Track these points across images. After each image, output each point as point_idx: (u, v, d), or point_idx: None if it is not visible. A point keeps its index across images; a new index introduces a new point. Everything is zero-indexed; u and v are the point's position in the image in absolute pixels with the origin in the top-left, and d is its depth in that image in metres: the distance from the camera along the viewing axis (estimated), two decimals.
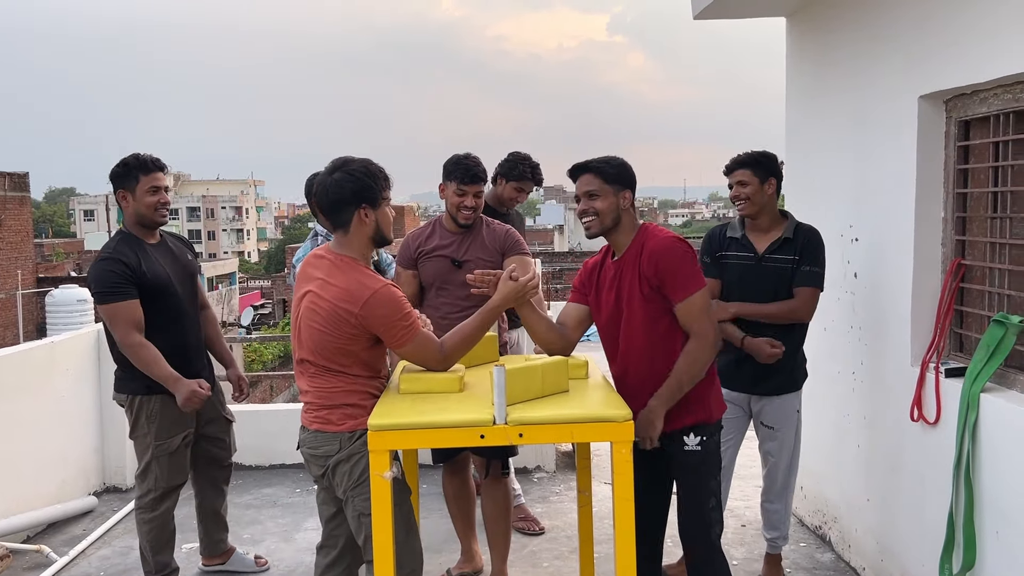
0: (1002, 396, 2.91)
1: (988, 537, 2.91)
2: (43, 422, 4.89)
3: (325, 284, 2.76)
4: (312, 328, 2.77)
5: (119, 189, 3.63)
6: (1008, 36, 2.79)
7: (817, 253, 3.55)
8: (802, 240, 3.55)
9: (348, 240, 2.83)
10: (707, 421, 2.93)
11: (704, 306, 2.84)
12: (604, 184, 2.91)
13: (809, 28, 4.45)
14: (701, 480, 2.95)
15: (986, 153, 3.16)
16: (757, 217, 3.61)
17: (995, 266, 3.12)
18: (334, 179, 2.80)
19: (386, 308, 2.71)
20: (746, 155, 3.62)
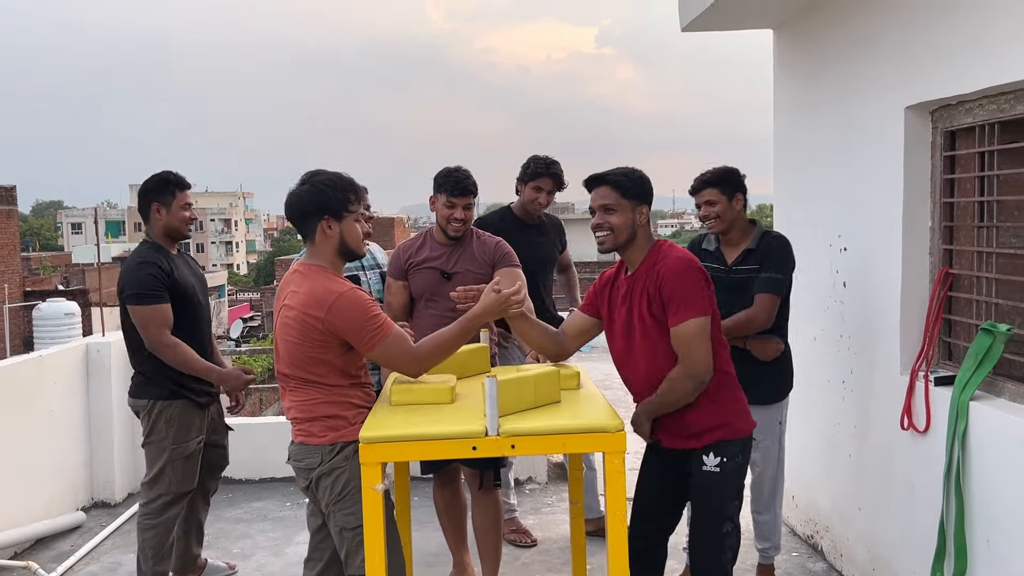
0: (991, 404, 2.93)
1: (979, 545, 2.92)
2: (31, 437, 4.85)
3: (294, 294, 2.77)
4: (286, 340, 2.78)
5: (155, 202, 3.80)
6: (992, 47, 2.83)
7: (778, 259, 3.51)
8: (764, 248, 3.54)
9: (316, 251, 2.84)
10: (729, 438, 2.83)
11: (695, 334, 2.72)
12: (621, 198, 2.83)
13: (796, 40, 4.49)
14: (717, 502, 2.84)
15: (972, 163, 3.19)
16: (728, 232, 3.60)
17: (982, 275, 3.14)
18: (299, 190, 2.81)
19: (351, 311, 2.69)
20: (711, 173, 3.58)
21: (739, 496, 2.89)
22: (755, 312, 3.47)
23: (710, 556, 2.86)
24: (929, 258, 3.42)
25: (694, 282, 2.75)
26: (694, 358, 2.73)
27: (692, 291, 2.73)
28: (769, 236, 3.59)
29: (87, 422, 5.37)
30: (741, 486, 2.90)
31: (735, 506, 2.88)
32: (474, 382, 3.01)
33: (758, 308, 3.48)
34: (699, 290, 2.75)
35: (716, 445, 2.82)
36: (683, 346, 2.74)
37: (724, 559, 2.87)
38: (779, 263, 3.51)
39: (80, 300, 22.60)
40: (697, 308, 2.73)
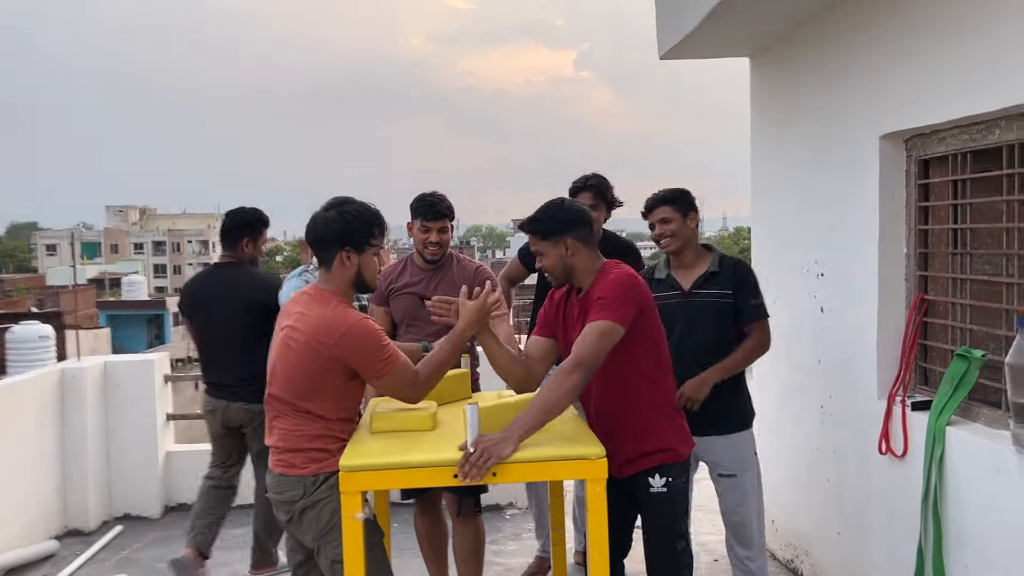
0: (966, 429, 2.96)
1: (957, 569, 2.94)
2: (3, 464, 4.77)
3: (302, 316, 2.74)
4: (286, 362, 2.74)
5: (251, 236, 4.29)
6: (963, 79, 2.89)
7: (753, 284, 3.51)
8: (732, 273, 3.48)
9: (330, 277, 2.82)
10: (672, 461, 2.87)
11: (597, 335, 2.68)
12: (542, 241, 2.89)
13: (772, 69, 4.56)
14: (669, 522, 2.89)
15: (946, 191, 3.25)
16: (681, 253, 3.52)
17: (957, 301, 3.19)
18: (325, 216, 2.80)
19: (362, 341, 2.68)
20: (665, 191, 3.56)
21: (687, 513, 2.96)
22: (759, 341, 3.48)
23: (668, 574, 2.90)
24: (905, 284, 3.47)
25: (623, 292, 2.75)
26: (585, 350, 2.67)
27: (616, 298, 2.73)
28: (730, 261, 3.54)
29: (61, 448, 5.29)
30: (688, 504, 2.96)
31: (685, 524, 2.95)
32: (455, 408, 3.00)
33: (761, 335, 3.48)
34: (623, 300, 2.74)
35: (660, 467, 2.85)
36: (579, 342, 2.70)
37: (681, 574, 2.91)
38: (755, 288, 3.50)
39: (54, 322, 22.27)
40: (612, 312, 2.71)
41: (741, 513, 3.53)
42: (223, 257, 4.36)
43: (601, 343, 2.68)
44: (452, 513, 3.68)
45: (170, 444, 5.78)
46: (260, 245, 4.34)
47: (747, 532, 3.54)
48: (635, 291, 2.79)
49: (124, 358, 5.85)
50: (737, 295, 3.46)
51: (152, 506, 5.55)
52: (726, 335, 3.48)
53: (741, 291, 3.47)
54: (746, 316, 3.47)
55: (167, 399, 5.79)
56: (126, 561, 4.83)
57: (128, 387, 5.54)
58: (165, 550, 4.97)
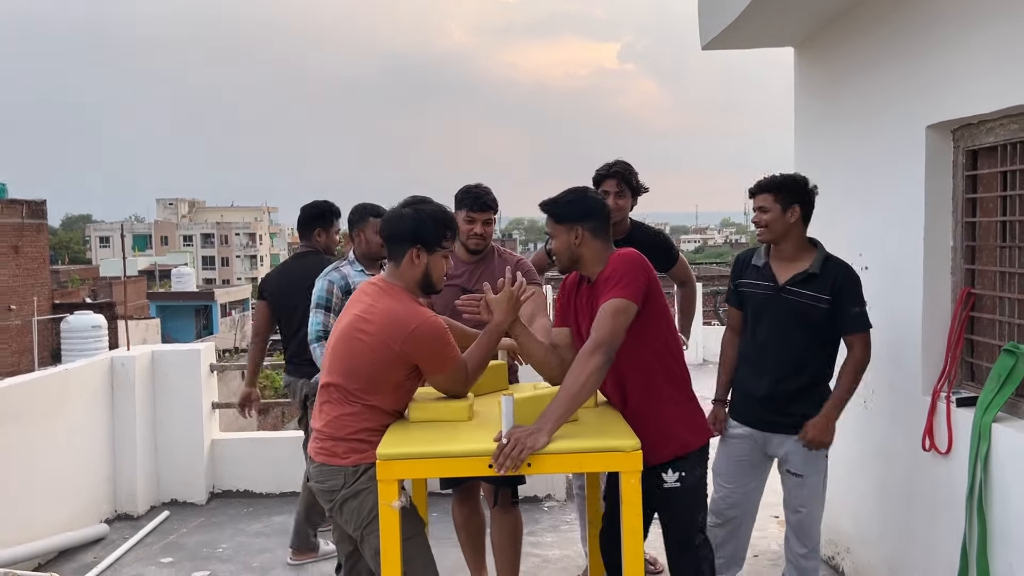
0: (1013, 426, 2.90)
1: (1002, 569, 2.88)
2: (56, 450, 4.91)
3: (371, 308, 2.79)
4: (351, 351, 2.77)
5: (322, 226, 4.58)
6: (1012, 68, 2.81)
7: (856, 291, 3.32)
8: (835, 278, 3.30)
9: (399, 273, 2.87)
10: (685, 452, 2.85)
11: (611, 313, 2.68)
12: (555, 224, 2.92)
13: (817, 58, 4.49)
14: (685, 517, 2.88)
15: (994, 182, 3.17)
16: (780, 245, 3.39)
17: (1005, 295, 3.11)
18: (401, 213, 2.85)
19: (430, 338, 2.74)
20: (770, 178, 3.39)
21: (704, 507, 2.94)
22: (861, 356, 3.33)
23: (688, 568, 2.91)
24: (951, 278, 3.39)
25: (630, 269, 2.77)
26: (600, 334, 2.66)
27: (623, 276, 2.75)
28: (834, 263, 3.36)
29: (111, 435, 5.43)
30: (704, 497, 2.94)
31: (702, 518, 2.93)
32: (491, 400, 3.02)
33: (862, 350, 3.33)
34: (631, 277, 2.75)
35: (672, 462, 2.83)
36: (596, 322, 2.70)
37: (702, 570, 2.91)
38: (858, 296, 3.32)
39: (107, 313, 22.89)
40: (623, 290, 2.72)
41: (802, 513, 3.47)
42: (300, 247, 4.73)
43: (617, 320, 2.69)
44: (489, 503, 3.71)
45: (215, 432, 5.90)
46: (332, 235, 4.64)
47: (806, 532, 3.49)
48: (641, 269, 2.80)
49: (172, 347, 5.98)
50: (837, 302, 3.29)
51: (198, 492, 5.67)
52: (812, 343, 3.36)
53: (842, 298, 3.29)
54: (847, 326, 3.31)
55: (213, 388, 5.92)
56: (173, 545, 4.95)
57: (175, 376, 5.66)
58: (209, 535, 5.09)
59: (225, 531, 5.16)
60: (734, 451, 3.57)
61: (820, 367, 3.41)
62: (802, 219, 3.38)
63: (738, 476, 3.55)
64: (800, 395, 3.39)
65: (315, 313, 4.00)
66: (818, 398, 3.40)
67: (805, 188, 3.39)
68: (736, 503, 3.57)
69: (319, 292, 4.02)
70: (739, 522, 3.60)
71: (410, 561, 2.73)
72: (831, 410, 3.34)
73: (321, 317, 3.98)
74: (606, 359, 2.66)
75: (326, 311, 4.00)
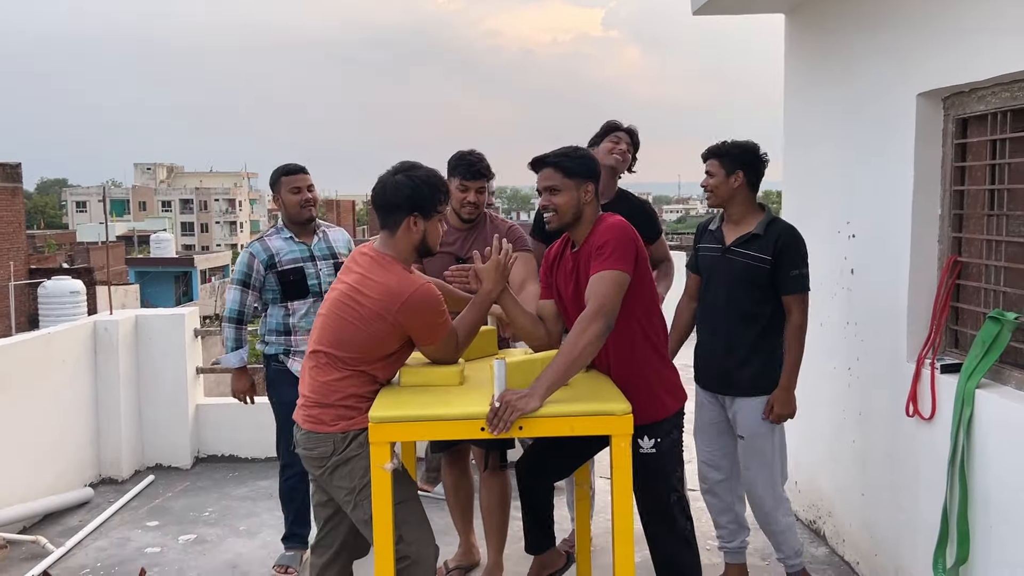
0: (996, 392, 2.94)
1: (982, 532, 2.94)
2: (39, 414, 4.88)
3: (364, 279, 2.76)
4: (343, 320, 2.75)
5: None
6: (1006, 35, 2.81)
7: (796, 254, 3.39)
8: (776, 239, 3.38)
9: (393, 242, 2.83)
10: (662, 417, 2.89)
11: (610, 281, 2.69)
12: (565, 178, 2.88)
13: (808, 25, 4.47)
14: (660, 480, 2.92)
15: (983, 151, 3.19)
16: (727, 209, 3.50)
17: (991, 263, 3.14)
18: (394, 180, 2.80)
19: (424, 307, 2.72)
20: (717, 145, 3.52)
21: (680, 467, 2.99)
22: (799, 320, 3.39)
23: (665, 527, 2.96)
24: (938, 246, 3.42)
25: (621, 239, 2.76)
26: (602, 297, 2.66)
27: (617, 246, 2.74)
28: (778, 226, 3.44)
29: (94, 399, 5.41)
30: (680, 458, 2.99)
31: (677, 478, 2.98)
32: (483, 364, 3.03)
33: (799, 314, 3.39)
34: (624, 247, 2.75)
35: (648, 427, 2.86)
36: (591, 294, 2.70)
37: (679, 526, 2.96)
38: (798, 259, 3.40)
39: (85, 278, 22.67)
40: (618, 261, 2.72)
41: (748, 477, 3.56)
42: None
43: (618, 289, 2.71)
44: (480, 467, 3.73)
45: (200, 397, 5.88)
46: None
47: (751, 494, 3.59)
48: (631, 238, 2.81)
49: (155, 312, 5.93)
50: (778, 263, 3.37)
51: (183, 457, 5.67)
52: (757, 303, 3.42)
53: (783, 260, 3.37)
54: (785, 288, 3.39)
55: (197, 353, 5.89)
56: (158, 509, 4.96)
57: (159, 341, 5.63)
58: (195, 499, 5.09)
59: (211, 495, 5.17)
60: (704, 415, 3.68)
61: (766, 327, 3.45)
62: (747, 184, 3.48)
63: (712, 439, 3.66)
64: (751, 357, 3.45)
65: (232, 290, 3.90)
66: (768, 357, 3.45)
67: (751, 154, 3.47)
68: (717, 465, 3.66)
69: (239, 266, 3.90)
70: (727, 486, 3.66)
71: (404, 523, 2.75)
72: (787, 381, 3.43)
73: (239, 296, 3.88)
74: (605, 327, 2.66)
75: (244, 287, 3.89)
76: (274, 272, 3.88)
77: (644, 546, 3.03)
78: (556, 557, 3.34)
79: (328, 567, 3.03)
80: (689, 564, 3.01)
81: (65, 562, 4.25)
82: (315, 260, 3.94)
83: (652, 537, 3.00)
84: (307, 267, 3.91)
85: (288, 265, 3.88)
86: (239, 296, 3.89)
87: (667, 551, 2.99)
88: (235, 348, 3.98)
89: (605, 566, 3.72)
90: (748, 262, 3.41)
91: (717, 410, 3.61)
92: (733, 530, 3.71)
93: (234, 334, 3.96)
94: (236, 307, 3.91)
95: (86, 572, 4.14)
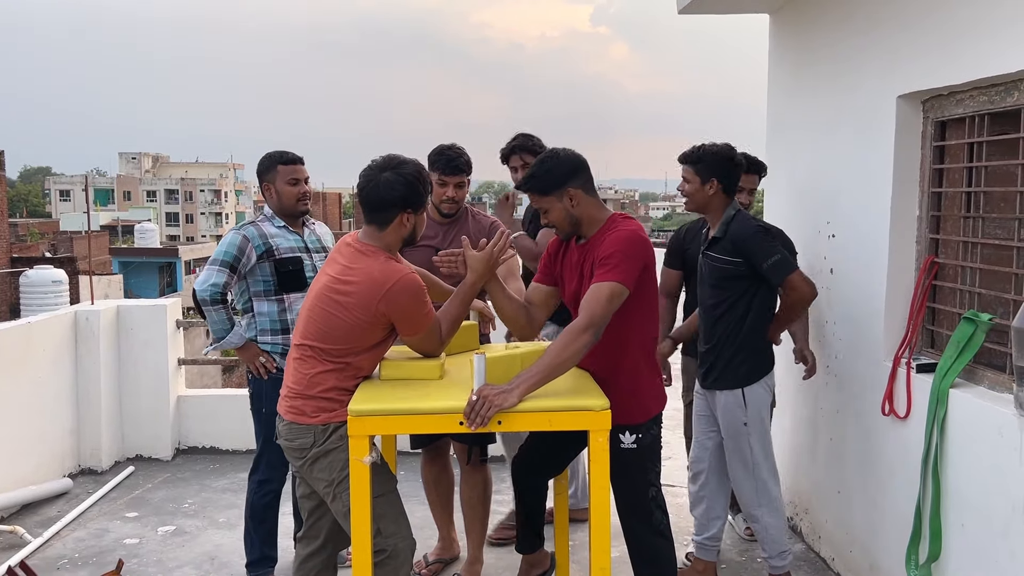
0: (971, 392, 2.98)
1: (954, 529, 2.98)
2: (18, 403, 4.85)
3: (347, 269, 2.76)
4: (327, 312, 2.75)
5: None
6: (984, 38, 2.85)
7: (759, 246, 3.37)
8: (733, 240, 3.41)
9: (381, 236, 2.83)
10: (643, 419, 2.92)
11: (607, 297, 2.69)
12: (543, 197, 2.88)
13: (792, 26, 4.50)
14: (639, 475, 2.96)
15: (961, 154, 3.22)
16: (704, 213, 3.57)
17: (967, 264, 3.18)
18: (385, 178, 2.78)
19: (408, 296, 2.73)
20: (692, 150, 3.52)
21: (658, 463, 3.03)
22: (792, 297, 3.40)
23: (643, 520, 2.99)
24: (916, 247, 3.45)
25: (629, 252, 2.75)
26: (595, 311, 2.67)
27: (622, 259, 2.73)
28: (732, 226, 3.43)
29: (75, 390, 5.38)
30: (659, 454, 3.03)
31: (655, 473, 3.01)
32: (463, 359, 3.04)
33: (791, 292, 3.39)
34: (630, 260, 2.74)
35: (631, 425, 2.89)
36: (586, 303, 2.71)
37: (656, 519, 2.99)
38: (764, 249, 3.37)
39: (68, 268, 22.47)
40: (619, 274, 2.71)
41: (731, 472, 3.65)
42: None
43: (611, 305, 2.72)
44: (460, 462, 3.75)
45: (181, 388, 5.86)
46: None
47: (736, 491, 3.66)
48: (641, 249, 2.80)
49: (137, 302, 5.91)
50: (749, 263, 3.40)
51: (163, 448, 5.65)
52: (727, 301, 3.48)
53: (750, 257, 3.39)
54: (771, 279, 3.39)
55: (179, 344, 5.87)
56: (138, 500, 4.94)
57: (141, 331, 5.61)
58: (175, 491, 5.08)
59: (191, 487, 5.16)
60: (697, 407, 3.80)
61: (739, 323, 3.48)
62: (722, 191, 3.48)
63: (700, 431, 3.77)
64: (724, 351, 3.52)
65: (214, 271, 3.53)
66: (740, 353, 3.50)
67: (725, 160, 3.47)
68: (699, 457, 3.76)
69: (227, 247, 3.56)
70: (706, 477, 3.73)
71: (382, 517, 2.76)
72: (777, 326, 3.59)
73: (224, 278, 3.53)
74: (593, 339, 2.69)
75: (231, 271, 3.55)
76: (270, 261, 3.61)
77: (620, 541, 3.06)
78: (544, 557, 3.37)
79: (312, 557, 3.05)
80: (666, 557, 3.04)
81: (43, 552, 4.23)
82: (310, 252, 3.76)
83: (629, 530, 3.03)
84: (304, 258, 3.71)
85: (286, 254, 3.65)
86: (224, 278, 3.53)
87: (644, 544, 3.02)
88: (228, 328, 3.59)
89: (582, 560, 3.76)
90: (716, 264, 3.50)
91: (705, 403, 3.71)
92: (703, 524, 3.77)
93: (223, 315, 3.57)
94: (220, 289, 3.52)
95: (64, 563, 4.13)
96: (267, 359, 3.64)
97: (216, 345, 3.65)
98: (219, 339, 3.62)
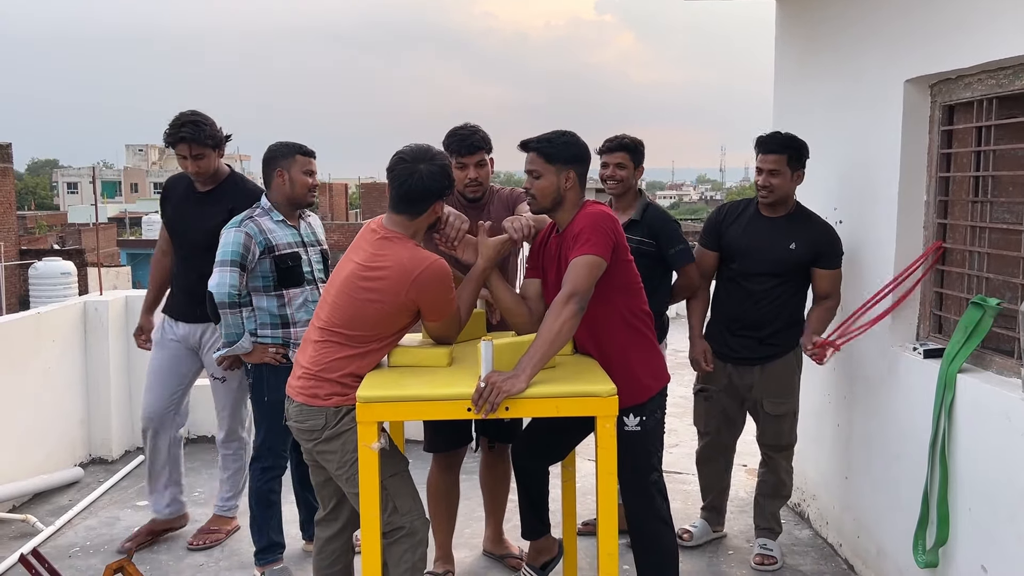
0: (978, 377, 2.98)
1: (961, 514, 2.98)
2: (29, 393, 4.88)
3: (376, 256, 2.78)
4: (355, 299, 2.76)
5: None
6: (992, 22, 2.83)
7: (672, 233, 3.73)
8: (651, 224, 3.71)
9: (410, 224, 2.84)
10: (647, 399, 2.93)
11: (584, 265, 2.71)
12: (546, 164, 2.88)
13: (799, 10, 4.47)
14: (642, 457, 2.97)
15: (969, 138, 3.21)
16: (622, 197, 3.80)
17: (975, 249, 3.17)
18: (422, 170, 2.78)
19: (437, 282, 2.75)
20: (626, 138, 3.80)
21: (661, 447, 3.08)
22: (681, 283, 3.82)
23: (645, 505, 3.01)
24: (923, 231, 3.44)
25: (600, 227, 2.78)
26: (575, 280, 2.69)
27: (594, 233, 2.76)
28: (652, 211, 3.76)
29: (85, 380, 5.41)
30: (662, 437, 3.07)
31: (658, 458, 3.04)
32: (470, 346, 3.04)
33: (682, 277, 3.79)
34: (602, 234, 2.77)
35: (634, 407, 2.90)
36: (567, 275, 2.73)
37: (657, 504, 3.01)
38: (675, 237, 3.73)
39: (76, 260, 22.56)
40: (594, 246, 2.74)
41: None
42: None
43: (591, 272, 2.72)
44: (484, 447, 3.76)
45: None
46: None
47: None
48: (610, 227, 2.82)
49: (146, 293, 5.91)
50: (659, 246, 3.69)
51: None
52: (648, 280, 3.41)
53: (662, 242, 3.70)
54: (673, 263, 3.74)
55: None
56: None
57: None
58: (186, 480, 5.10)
59: (200, 476, 5.19)
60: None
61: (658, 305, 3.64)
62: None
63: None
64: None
65: (226, 272, 3.49)
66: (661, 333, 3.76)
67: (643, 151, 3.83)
68: None
69: (233, 247, 3.51)
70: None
71: (398, 495, 2.81)
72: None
73: (237, 278, 3.50)
74: (579, 308, 2.69)
75: (241, 270, 3.52)
76: (271, 257, 3.57)
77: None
78: (551, 543, 3.38)
79: (332, 540, 3.09)
80: (667, 542, 3.06)
81: (54, 541, 4.27)
82: (306, 247, 3.70)
83: (631, 515, 3.05)
84: (301, 253, 3.66)
85: (285, 250, 3.61)
86: (237, 279, 3.51)
87: (646, 529, 3.03)
88: (241, 333, 3.56)
89: (589, 547, 3.76)
90: (634, 246, 3.43)
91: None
92: None
93: (239, 319, 3.55)
94: (235, 290, 3.50)
95: (75, 551, 4.16)
96: (276, 348, 3.63)
97: (227, 350, 3.61)
98: (230, 343, 3.59)
